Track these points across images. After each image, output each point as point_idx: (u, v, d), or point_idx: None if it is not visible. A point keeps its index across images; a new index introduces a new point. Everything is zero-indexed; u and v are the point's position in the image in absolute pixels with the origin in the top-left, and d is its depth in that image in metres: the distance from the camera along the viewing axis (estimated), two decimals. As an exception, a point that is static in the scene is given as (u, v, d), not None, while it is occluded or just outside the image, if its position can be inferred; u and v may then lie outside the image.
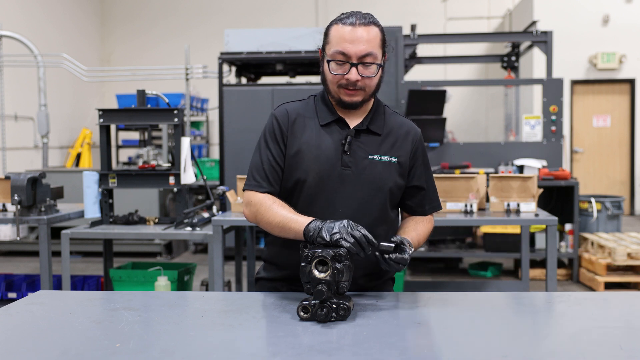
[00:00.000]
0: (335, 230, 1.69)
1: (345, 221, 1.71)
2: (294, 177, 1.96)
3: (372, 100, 2.02)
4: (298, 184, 1.96)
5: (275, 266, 2.07)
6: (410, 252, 1.82)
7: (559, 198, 6.08)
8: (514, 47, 7.57)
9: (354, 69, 1.88)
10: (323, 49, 1.97)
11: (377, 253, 1.76)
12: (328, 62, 1.91)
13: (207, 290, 4.67)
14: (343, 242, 1.67)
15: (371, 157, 1.96)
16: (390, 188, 1.98)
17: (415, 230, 2.02)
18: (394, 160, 1.98)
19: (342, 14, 1.94)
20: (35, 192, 3.99)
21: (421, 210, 2.09)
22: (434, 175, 4.16)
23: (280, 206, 1.90)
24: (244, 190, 2.01)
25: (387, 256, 1.77)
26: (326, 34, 1.96)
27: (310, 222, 1.77)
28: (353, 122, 1.99)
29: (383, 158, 1.97)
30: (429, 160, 2.11)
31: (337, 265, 1.65)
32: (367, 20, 1.90)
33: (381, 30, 1.92)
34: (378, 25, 1.91)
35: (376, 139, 1.98)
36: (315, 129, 1.97)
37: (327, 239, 1.69)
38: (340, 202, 1.93)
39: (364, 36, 1.87)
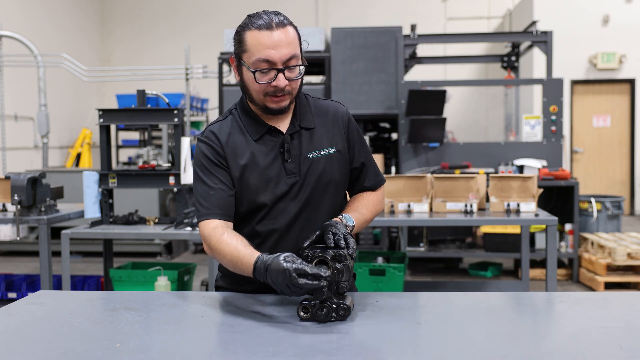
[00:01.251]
0: (278, 286, 1.60)
1: (283, 270, 1.57)
2: (245, 201, 1.89)
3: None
4: (250, 206, 1.89)
5: (237, 281, 1.97)
6: (348, 242, 1.71)
7: (559, 198, 6.08)
8: (514, 47, 7.57)
9: (280, 75, 1.79)
10: (238, 56, 1.84)
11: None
12: (253, 72, 1.79)
13: (207, 290, 4.67)
14: (293, 296, 1.62)
15: (311, 155, 1.91)
16: (337, 179, 1.94)
17: (356, 210, 1.95)
18: (333, 150, 1.93)
19: (249, 16, 1.83)
20: (35, 192, 3.99)
21: (367, 186, 2.03)
22: (435, 175, 4.19)
23: (230, 237, 1.79)
24: (197, 223, 1.89)
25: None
26: (240, 41, 1.82)
27: (254, 268, 1.67)
28: (283, 125, 1.91)
29: (322, 152, 1.92)
30: (362, 135, 2.05)
31: (337, 265, 1.65)
32: (282, 20, 1.80)
33: (296, 29, 1.84)
34: (292, 25, 1.83)
35: (310, 135, 1.92)
36: (248, 146, 1.88)
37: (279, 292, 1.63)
38: (296, 210, 1.89)
39: (284, 39, 1.78)
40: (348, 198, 2.09)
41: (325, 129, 1.95)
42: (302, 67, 1.85)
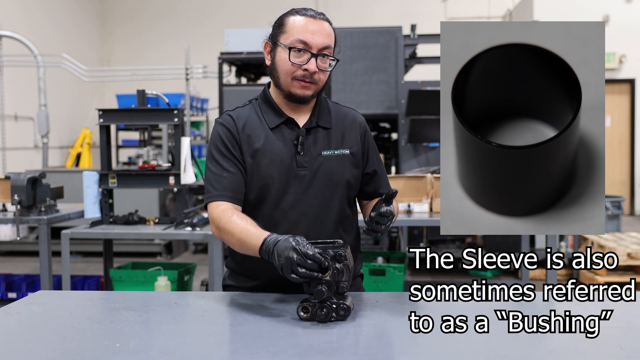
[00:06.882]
0: (281, 263, 1.61)
1: (290, 250, 1.60)
2: (253, 187, 1.91)
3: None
4: (258, 193, 1.91)
5: (245, 276, 1.99)
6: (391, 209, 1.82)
7: (559, 198, 6.07)
8: (514, 47, 7.55)
9: (313, 60, 1.84)
10: (274, 40, 1.91)
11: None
12: (289, 49, 1.84)
13: (207, 290, 4.67)
14: (292, 278, 1.60)
15: (324, 153, 1.93)
16: (348, 181, 1.95)
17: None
18: (347, 152, 1.96)
19: (293, 9, 1.93)
20: (35, 192, 3.99)
21: (381, 194, 2.00)
22: (435, 175, 4.18)
23: (240, 218, 1.81)
24: (205, 205, 1.91)
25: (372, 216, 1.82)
26: (280, 24, 1.91)
27: (262, 244, 1.68)
28: (301, 120, 1.95)
29: (336, 152, 1.94)
30: (376, 147, 2.08)
31: (337, 265, 1.65)
32: (324, 16, 1.90)
33: (334, 29, 1.92)
34: (331, 24, 1.92)
35: (326, 134, 1.95)
36: (264, 133, 1.92)
37: (279, 270, 1.63)
38: (303, 204, 1.90)
39: (323, 29, 1.87)
40: (358, 206, 2.09)
41: (342, 131, 1.98)
42: (333, 61, 1.89)
